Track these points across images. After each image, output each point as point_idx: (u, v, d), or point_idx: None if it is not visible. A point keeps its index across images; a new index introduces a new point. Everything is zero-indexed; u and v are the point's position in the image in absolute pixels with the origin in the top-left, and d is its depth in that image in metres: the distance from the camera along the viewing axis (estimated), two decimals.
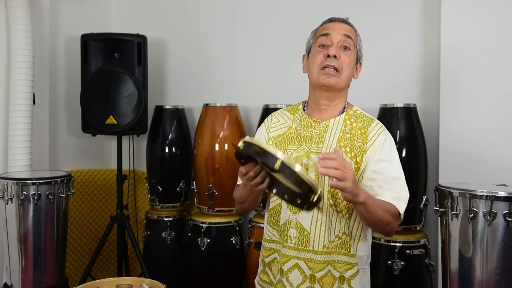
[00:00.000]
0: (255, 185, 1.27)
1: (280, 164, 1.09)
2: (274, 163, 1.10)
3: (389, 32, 2.58)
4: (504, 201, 1.61)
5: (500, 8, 2.13)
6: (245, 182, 1.29)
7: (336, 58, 1.43)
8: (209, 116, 2.72)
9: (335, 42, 1.45)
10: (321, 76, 1.45)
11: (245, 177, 1.27)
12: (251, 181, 1.27)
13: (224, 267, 2.69)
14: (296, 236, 1.45)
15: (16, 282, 2.28)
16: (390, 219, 1.37)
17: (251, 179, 1.26)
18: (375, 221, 1.35)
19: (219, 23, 3.06)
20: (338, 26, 1.48)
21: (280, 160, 1.09)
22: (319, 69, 1.46)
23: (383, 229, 1.41)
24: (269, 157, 1.11)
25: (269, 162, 1.11)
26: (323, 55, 1.45)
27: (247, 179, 1.27)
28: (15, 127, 2.52)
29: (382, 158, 1.42)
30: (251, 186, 1.28)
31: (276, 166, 1.09)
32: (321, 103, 1.50)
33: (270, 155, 1.11)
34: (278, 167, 1.09)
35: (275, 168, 1.09)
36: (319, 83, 1.46)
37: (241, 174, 1.29)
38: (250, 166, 1.25)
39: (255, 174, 1.25)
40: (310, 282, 1.44)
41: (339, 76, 1.45)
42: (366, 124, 1.48)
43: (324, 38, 1.47)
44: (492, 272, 1.63)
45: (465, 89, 2.20)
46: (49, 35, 2.84)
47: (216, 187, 2.67)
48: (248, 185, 1.29)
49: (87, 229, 3.10)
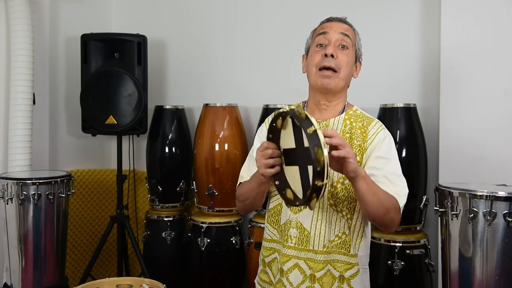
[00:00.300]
0: (265, 165, 1.27)
1: (313, 130, 1.12)
2: (309, 127, 1.13)
3: (389, 32, 2.58)
4: (504, 201, 1.61)
5: (500, 8, 2.13)
6: (258, 157, 1.29)
7: (333, 57, 1.43)
8: (209, 116, 2.72)
9: (332, 41, 1.45)
10: (318, 78, 1.45)
11: (262, 152, 1.28)
12: (264, 159, 1.27)
13: (224, 267, 2.69)
14: (297, 236, 1.45)
15: (16, 282, 2.28)
16: (390, 206, 1.35)
17: (266, 157, 1.27)
18: (376, 203, 1.31)
19: (219, 23, 3.06)
20: (335, 25, 1.48)
21: (314, 128, 1.13)
22: (317, 69, 1.46)
23: (383, 217, 1.36)
24: (307, 121, 1.15)
25: (305, 125, 1.14)
26: (321, 54, 1.45)
27: (262, 155, 1.27)
28: (15, 127, 2.52)
29: (380, 155, 1.42)
30: (261, 166, 1.28)
31: (309, 130, 1.13)
32: (320, 104, 1.50)
33: (309, 120, 1.15)
34: (311, 132, 1.12)
35: (308, 132, 1.12)
36: (317, 84, 1.46)
37: (260, 148, 1.29)
38: (273, 145, 1.27)
39: (272, 153, 1.26)
40: (310, 282, 1.44)
41: (337, 77, 1.45)
42: (366, 123, 1.48)
43: (322, 37, 1.47)
44: (492, 272, 1.63)
45: (465, 89, 2.20)
46: (49, 35, 2.84)
47: (216, 187, 2.67)
48: (258, 162, 1.29)
49: (87, 229, 3.10)
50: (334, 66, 1.43)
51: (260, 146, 1.30)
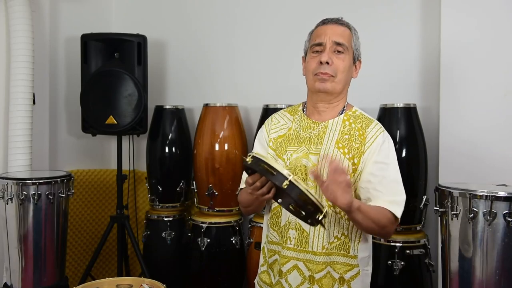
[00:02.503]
0: (260, 195, 1.28)
1: (288, 184, 1.12)
2: (282, 183, 1.13)
3: (389, 32, 2.58)
4: (504, 201, 1.61)
5: (499, 8, 2.13)
6: (251, 191, 1.30)
7: (328, 64, 1.43)
8: (209, 116, 2.72)
9: (327, 48, 1.44)
10: (316, 82, 1.45)
11: (252, 187, 1.28)
12: (257, 191, 1.28)
13: (224, 267, 2.69)
14: (296, 237, 1.45)
15: (16, 282, 2.28)
16: (385, 223, 1.37)
17: (257, 189, 1.27)
18: (372, 226, 1.34)
19: (219, 23, 3.06)
20: (330, 30, 1.46)
21: (288, 180, 1.12)
22: (313, 75, 1.46)
23: (379, 233, 1.42)
24: (277, 175, 1.14)
25: (276, 181, 1.14)
26: (316, 62, 1.45)
27: (253, 189, 1.28)
28: (15, 127, 2.52)
29: (379, 160, 1.42)
30: (257, 196, 1.29)
31: (283, 185, 1.12)
32: (319, 107, 1.50)
33: (278, 173, 1.14)
34: (286, 187, 1.12)
35: (283, 187, 1.12)
36: (315, 88, 1.47)
37: (247, 184, 1.30)
38: (257, 177, 1.26)
39: (261, 184, 1.26)
40: (309, 283, 1.44)
41: (334, 80, 1.44)
42: (365, 125, 1.47)
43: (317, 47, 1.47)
44: (492, 272, 1.63)
45: (465, 89, 2.20)
46: (49, 35, 2.85)
47: (216, 187, 2.67)
48: (254, 194, 1.30)
49: (87, 229, 3.10)
50: (330, 72, 1.43)
51: (246, 182, 1.32)
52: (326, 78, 1.44)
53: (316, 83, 1.45)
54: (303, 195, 1.12)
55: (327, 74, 1.43)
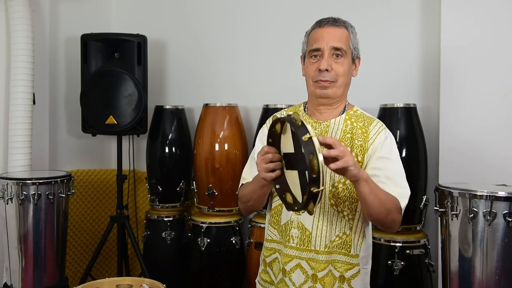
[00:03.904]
0: (265, 170, 1.27)
1: (308, 138, 1.13)
2: (304, 134, 1.14)
3: (389, 32, 2.58)
4: (504, 201, 1.61)
5: (499, 8, 2.13)
6: (259, 162, 1.29)
7: (328, 71, 1.43)
8: (209, 116, 2.72)
9: (325, 54, 1.43)
10: (316, 89, 1.46)
11: (262, 157, 1.27)
12: (265, 163, 1.27)
13: (224, 267, 2.69)
14: (298, 236, 1.45)
15: (16, 282, 2.28)
16: (392, 207, 1.35)
17: (266, 161, 1.27)
18: (378, 205, 1.31)
19: (219, 23, 3.06)
20: (327, 34, 1.45)
21: (309, 135, 1.13)
22: (313, 82, 1.46)
23: (384, 219, 1.36)
24: (303, 128, 1.16)
25: (300, 132, 1.15)
26: (315, 68, 1.44)
27: (262, 160, 1.27)
28: (15, 127, 2.52)
29: (382, 155, 1.42)
30: (261, 170, 1.28)
31: (304, 137, 1.13)
32: (320, 108, 1.51)
33: (305, 127, 1.16)
34: (306, 139, 1.13)
35: (303, 139, 1.13)
36: (316, 94, 1.47)
37: (261, 153, 1.29)
38: (273, 149, 1.27)
39: (273, 157, 1.26)
40: (312, 282, 1.44)
41: (335, 86, 1.45)
42: (366, 123, 1.48)
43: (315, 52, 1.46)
44: (492, 272, 1.63)
45: (465, 89, 2.20)
46: (49, 35, 2.84)
47: (216, 187, 2.67)
48: (259, 166, 1.29)
49: (87, 229, 3.10)
50: (330, 79, 1.43)
51: (261, 150, 1.30)
52: (327, 85, 1.44)
53: (317, 90, 1.46)
54: (315, 156, 1.12)
55: (327, 81, 1.43)
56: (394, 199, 1.37)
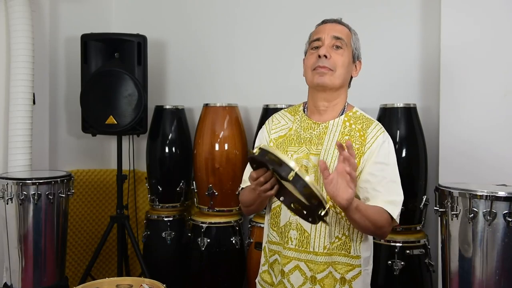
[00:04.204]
0: (263, 191, 1.27)
1: (293, 175, 1.10)
2: (288, 174, 1.11)
3: (389, 32, 2.58)
4: (504, 201, 1.61)
5: (499, 8, 2.13)
6: (254, 187, 1.30)
7: (327, 58, 1.43)
8: (209, 116, 2.72)
9: (326, 43, 1.46)
10: (314, 76, 1.46)
11: (255, 182, 1.27)
12: (260, 187, 1.27)
13: (224, 267, 2.69)
14: (297, 238, 1.45)
15: (16, 282, 2.28)
16: (383, 223, 1.37)
17: (261, 185, 1.27)
18: (369, 226, 1.34)
19: (219, 23, 3.06)
20: (329, 28, 1.48)
21: (294, 172, 1.11)
22: (312, 70, 1.46)
23: (375, 233, 1.41)
24: (283, 166, 1.13)
25: (283, 172, 1.12)
26: (315, 56, 1.46)
27: (256, 184, 1.27)
28: (15, 127, 2.52)
29: (379, 161, 1.42)
30: (260, 192, 1.28)
31: (289, 176, 1.11)
32: (319, 105, 1.50)
33: (285, 164, 1.13)
34: (292, 178, 1.10)
35: (288, 179, 1.11)
36: (314, 83, 1.47)
37: (251, 179, 1.29)
38: (262, 172, 1.26)
39: (265, 180, 1.26)
40: (311, 284, 1.44)
41: (332, 74, 1.45)
42: (365, 126, 1.47)
43: (316, 42, 1.48)
44: (492, 272, 1.63)
45: (465, 89, 2.20)
46: (49, 35, 2.85)
47: (216, 187, 2.67)
48: (256, 190, 1.29)
49: (87, 229, 3.10)
50: (328, 66, 1.44)
51: (250, 177, 1.30)
52: (325, 72, 1.44)
53: (315, 77, 1.45)
54: (308, 188, 1.11)
55: (325, 67, 1.43)
56: (385, 214, 1.37)
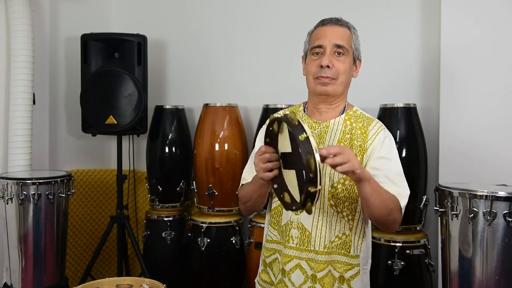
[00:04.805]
0: (263, 169, 1.28)
1: (306, 137, 1.13)
2: (301, 134, 1.14)
3: (389, 32, 2.58)
4: (504, 201, 1.61)
5: (499, 8, 2.13)
6: (256, 162, 1.30)
7: (329, 67, 1.43)
8: (209, 116, 2.72)
9: (327, 51, 1.44)
10: (317, 85, 1.46)
11: (260, 156, 1.28)
12: (263, 163, 1.27)
13: (224, 267, 2.69)
14: (298, 236, 1.45)
15: (16, 282, 2.28)
16: (393, 206, 1.36)
17: (264, 161, 1.27)
18: (380, 205, 1.32)
19: (219, 23, 3.06)
20: (330, 32, 1.46)
21: (307, 135, 1.14)
22: (314, 78, 1.46)
23: (386, 218, 1.37)
24: (299, 128, 1.16)
25: (297, 132, 1.15)
26: (317, 65, 1.45)
27: (260, 159, 1.28)
28: (15, 127, 2.52)
29: (381, 156, 1.42)
30: (260, 170, 1.29)
31: (301, 137, 1.14)
32: (320, 107, 1.51)
33: (301, 127, 1.16)
34: (303, 139, 1.13)
35: (300, 139, 1.13)
36: (316, 91, 1.47)
37: (259, 152, 1.30)
38: (271, 149, 1.28)
39: (270, 157, 1.27)
40: (312, 282, 1.44)
41: (335, 83, 1.45)
42: (366, 124, 1.48)
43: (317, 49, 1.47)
44: (492, 272, 1.63)
45: (465, 89, 2.20)
46: (49, 35, 2.85)
47: (216, 187, 2.67)
48: (256, 166, 1.30)
49: (87, 229, 3.10)
50: (331, 75, 1.44)
51: (258, 150, 1.31)
52: (327, 82, 1.44)
53: (318, 87, 1.46)
54: (312, 156, 1.12)
55: (328, 77, 1.44)
56: (395, 198, 1.37)
